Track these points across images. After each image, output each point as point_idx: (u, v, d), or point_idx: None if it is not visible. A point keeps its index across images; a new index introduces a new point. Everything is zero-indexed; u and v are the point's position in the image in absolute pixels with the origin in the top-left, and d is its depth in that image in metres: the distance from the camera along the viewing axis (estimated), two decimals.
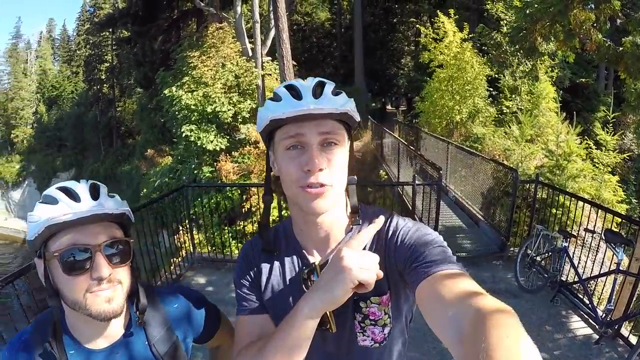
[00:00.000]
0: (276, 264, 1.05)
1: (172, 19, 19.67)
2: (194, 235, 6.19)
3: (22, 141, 38.78)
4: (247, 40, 13.51)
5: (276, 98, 0.90)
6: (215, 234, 7.52)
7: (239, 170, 11.13)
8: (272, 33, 12.03)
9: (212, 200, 9.39)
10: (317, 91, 0.88)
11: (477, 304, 0.65)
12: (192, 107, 12.16)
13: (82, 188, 0.94)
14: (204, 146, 11.97)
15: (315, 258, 1.02)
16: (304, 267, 1.00)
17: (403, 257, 0.91)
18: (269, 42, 13.16)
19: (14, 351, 0.99)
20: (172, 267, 5.45)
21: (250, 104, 12.60)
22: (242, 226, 8.67)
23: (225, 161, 11.47)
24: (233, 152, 11.86)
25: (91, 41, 31.14)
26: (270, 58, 13.41)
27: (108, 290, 0.92)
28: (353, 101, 0.94)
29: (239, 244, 7.32)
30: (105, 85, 30.08)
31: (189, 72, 13.12)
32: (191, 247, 5.88)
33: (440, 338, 0.69)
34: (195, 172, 12.38)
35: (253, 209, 8.03)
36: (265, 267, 1.06)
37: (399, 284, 0.96)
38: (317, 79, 0.93)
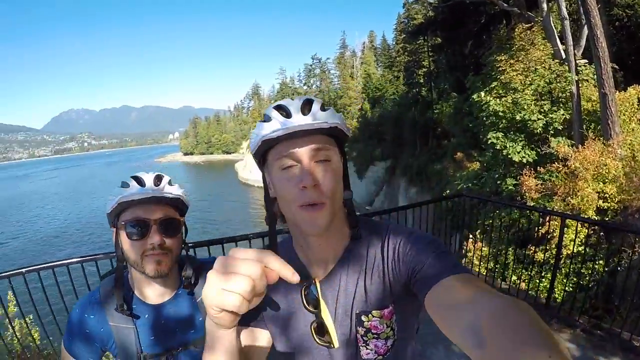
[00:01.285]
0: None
1: (481, 24, 19.34)
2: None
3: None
4: (558, 40, 12.21)
5: (266, 119, 0.91)
6: (502, 251, 6.75)
7: (542, 189, 9.57)
8: (585, 31, 10.61)
9: (508, 216, 8.33)
10: (306, 108, 0.90)
11: (492, 305, 0.64)
12: (500, 113, 11.65)
13: (148, 177, 1.20)
14: (509, 156, 11.29)
15: (316, 273, 1.03)
16: (304, 283, 0.97)
17: (406, 268, 0.92)
18: (582, 42, 11.66)
19: (85, 301, 1.30)
20: None
21: (563, 114, 11.16)
22: (531, 251, 7.38)
23: (529, 176, 9.95)
24: (539, 168, 10.32)
25: (408, 49, 33.26)
26: (586, 61, 11.84)
27: (159, 255, 1.17)
28: (341, 116, 0.96)
29: (523, 271, 6.67)
30: (423, 88, 31.26)
31: (498, 76, 12.63)
32: (473, 259, 6.08)
33: (458, 345, 0.66)
34: (499, 182, 11.81)
35: (549, 236, 6.90)
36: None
37: (404, 296, 0.96)
38: (305, 96, 0.94)
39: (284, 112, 0.89)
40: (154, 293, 1.31)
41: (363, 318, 0.98)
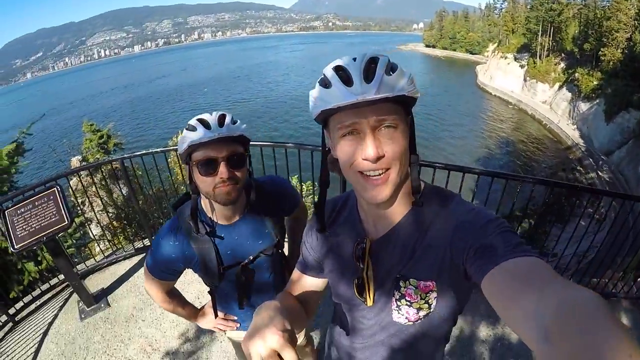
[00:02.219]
0: (338, 232, 1.13)
1: None
2: None
3: (608, 62, 39.12)
4: None
5: (325, 83, 0.85)
6: None
7: None
8: None
9: None
10: (370, 71, 0.81)
11: (560, 296, 0.58)
12: None
13: (212, 118, 1.33)
14: None
15: (371, 232, 1.05)
16: (358, 239, 1.05)
17: (463, 246, 0.86)
18: None
19: (167, 230, 1.51)
20: None
21: None
22: None
23: None
24: None
25: None
26: None
27: (228, 186, 1.35)
28: (410, 76, 0.85)
29: None
30: None
31: None
32: None
33: (518, 334, 0.62)
34: None
35: None
36: (329, 234, 1.15)
37: (452, 275, 0.93)
38: (369, 54, 0.84)
39: (345, 75, 0.82)
40: (226, 216, 1.51)
41: (401, 283, 0.99)
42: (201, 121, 1.34)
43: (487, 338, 3.39)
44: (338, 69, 0.84)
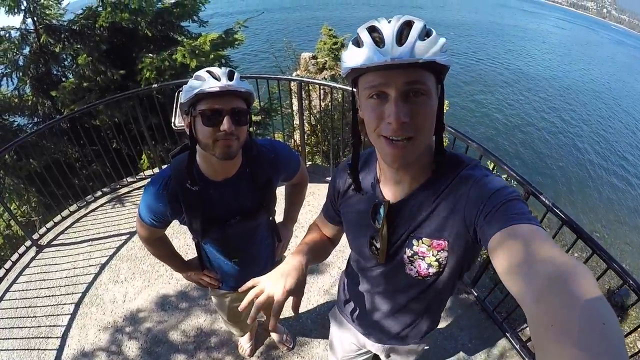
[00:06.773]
0: (357, 188, 1.19)
1: None
2: None
3: None
4: None
5: (358, 43, 0.87)
6: None
7: None
8: None
9: None
10: (403, 34, 0.82)
11: (555, 263, 0.65)
12: None
13: (221, 72, 1.35)
14: None
15: (389, 195, 1.10)
16: (375, 200, 1.11)
17: (475, 209, 0.91)
18: None
19: (159, 179, 1.54)
20: None
21: None
22: None
23: None
24: None
25: None
26: None
27: (229, 140, 1.37)
28: (444, 42, 0.85)
29: None
30: None
31: None
32: None
33: (512, 294, 0.69)
34: None
35: None
36: (348, 190, 1.23)
37: (462, 235, 0.99)
38: (405, 18, 0.85)
39: (378, 36, 0.83)
40: (219, 172, 1.55)
41: (414, 242, 1.07)
42: (210, 73, 1.36)
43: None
44: (372, 30, 0.85)
